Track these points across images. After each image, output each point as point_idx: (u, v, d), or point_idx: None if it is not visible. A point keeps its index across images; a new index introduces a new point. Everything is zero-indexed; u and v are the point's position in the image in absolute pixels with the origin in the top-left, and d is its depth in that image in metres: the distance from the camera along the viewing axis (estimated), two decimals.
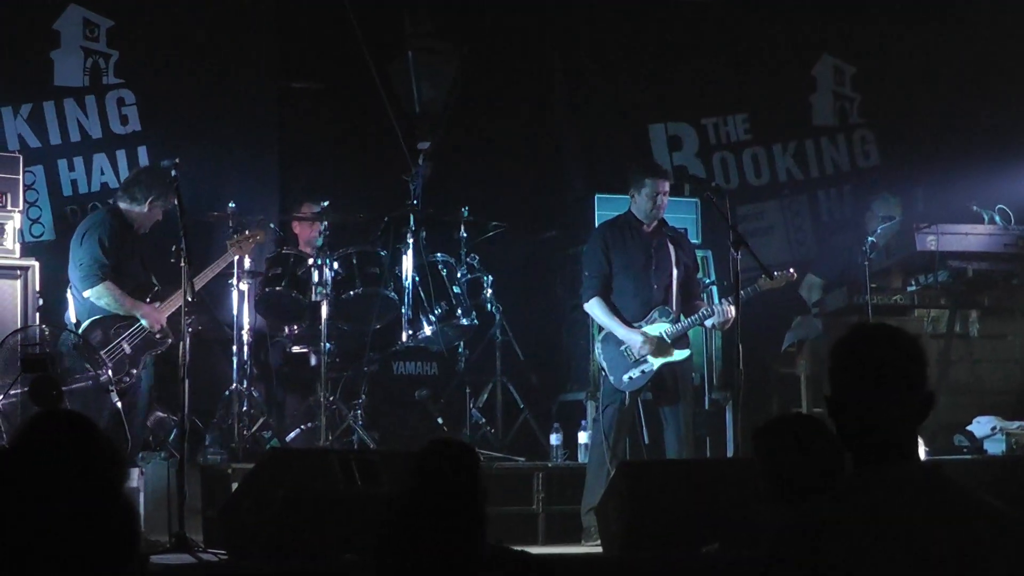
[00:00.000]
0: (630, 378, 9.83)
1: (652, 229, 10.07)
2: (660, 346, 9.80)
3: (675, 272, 10.01)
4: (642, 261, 9.99)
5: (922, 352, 3.50)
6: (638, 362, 9.80)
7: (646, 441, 10.44)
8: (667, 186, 10.10)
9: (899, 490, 3.34)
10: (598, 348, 10.10)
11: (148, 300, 9.95)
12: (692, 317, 9.88)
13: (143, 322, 9.83)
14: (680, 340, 9.90)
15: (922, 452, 3.79)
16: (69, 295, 10.09)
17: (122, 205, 10.16)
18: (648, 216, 10.02)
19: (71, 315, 10.04)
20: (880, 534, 3.27)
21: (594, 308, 10.03)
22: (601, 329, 10.13)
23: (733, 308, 9.70)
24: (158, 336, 9.87)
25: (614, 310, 9.93)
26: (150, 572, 7.67)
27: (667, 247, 10.05)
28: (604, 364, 9.95)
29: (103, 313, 9.86)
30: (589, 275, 10.10)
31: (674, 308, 9.90)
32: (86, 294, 9.87)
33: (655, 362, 9.79)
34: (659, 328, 9.82)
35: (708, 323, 10.03)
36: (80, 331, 9.70)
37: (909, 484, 3.36)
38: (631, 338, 9.82)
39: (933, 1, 13.29)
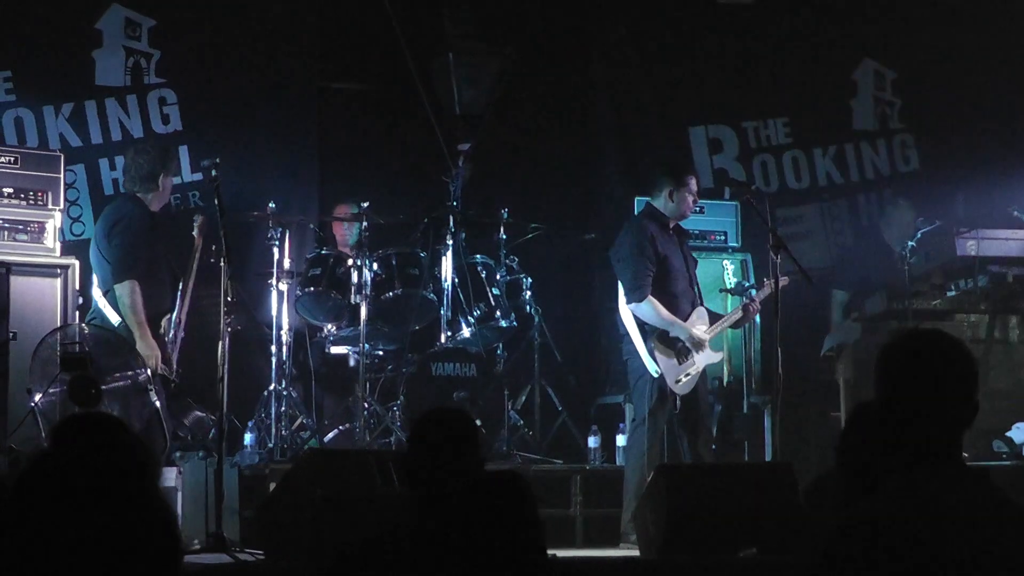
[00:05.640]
0: (679, 381, 9.54)
1: (674, 228, 9.92)
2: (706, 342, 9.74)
3: (695, 273, 9.97)
4: (682, 260, 9.80)
5: (971, 359, 3.51)
6: (684, 365, 9.59)
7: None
8: None
9: (945, 492, 3.33)
10: (647, 350, 9.54)
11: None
12: (723, 319, 9.85)
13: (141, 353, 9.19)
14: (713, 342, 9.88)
15: None
16: (97, 296, 9.60)
17: (140, 195, 9.63)
18: (680, 214, 9.83)
19: (109, 317, 9.47)
20: (927, 534, 3.25)
21: (650, 307, 9.50)
22: (644, 331, 9.59)
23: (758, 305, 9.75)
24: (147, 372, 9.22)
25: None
26: (187, 572, 7.71)
27: (687, 247, 9.99)
28: (660, 368, 9.49)
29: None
30: (638, 271, 9.54)
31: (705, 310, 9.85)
32: (118, 288, 9.33)
33: (700, 364, 9.65)
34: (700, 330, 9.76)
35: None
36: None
37: (955, 486, 3.35)
38: (694, 335, 9.58)
39: (974, 4, 13.22)
